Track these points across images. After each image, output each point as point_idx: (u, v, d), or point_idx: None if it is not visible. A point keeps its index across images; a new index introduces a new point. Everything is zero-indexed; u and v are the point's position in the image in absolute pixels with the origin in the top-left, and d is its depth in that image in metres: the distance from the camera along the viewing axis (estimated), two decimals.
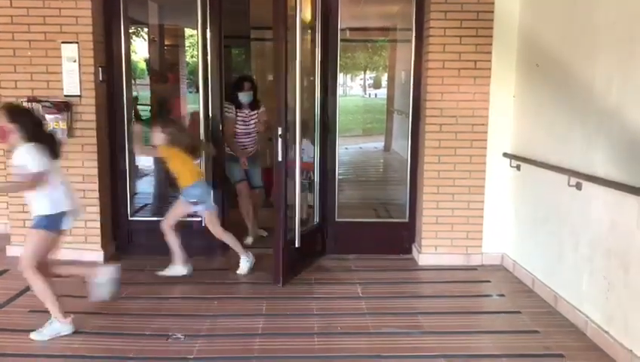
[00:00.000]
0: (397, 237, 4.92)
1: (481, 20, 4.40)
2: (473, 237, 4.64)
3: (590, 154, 3.39)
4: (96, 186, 4.56)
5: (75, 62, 4.41)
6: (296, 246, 4.28)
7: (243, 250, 4.45)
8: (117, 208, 4.83)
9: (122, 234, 4.85)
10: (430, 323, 3.58)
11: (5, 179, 4.70)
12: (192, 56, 10.74)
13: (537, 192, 4.16)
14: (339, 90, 4.88)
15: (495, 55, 4.45)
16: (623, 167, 3.08)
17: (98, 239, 4.61)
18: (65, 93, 4.45)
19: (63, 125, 4.41)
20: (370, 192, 6.87)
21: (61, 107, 4.40)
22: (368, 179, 7.83)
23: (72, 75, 4.42)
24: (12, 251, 4.66)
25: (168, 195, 5.79)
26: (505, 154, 4.53)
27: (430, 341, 3.35)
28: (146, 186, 6.15)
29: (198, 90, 4.70)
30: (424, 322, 3.59)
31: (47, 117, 4.37)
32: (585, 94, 3.49)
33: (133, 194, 5.02)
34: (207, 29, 4.60)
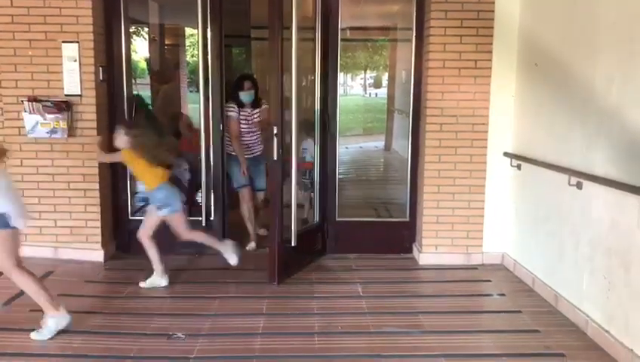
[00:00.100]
0: (397, 237, 4.92)
1: (482, 20, 4.40)
2: (474, 237, 4.64)
3: (590, 154, 3.39)
4: (96, 186, 4.56)
5: (75, 61, 4.41)
6: (292, 245, 4.28)
7: (219, 242, 4.29)
8: (117, 208, 4.84)
9: (123, 233, 4.85)
10: (431, 322, 3.59)
11: None
12: (192, 56, 10.74)
13: (538, 192, 4.16)
14: (339, 90, 4.87)
15: (495, 54, 4.45)
16: (623, 167, 3.08)
17: (99, 238, 4.61)
18: (65, 93, 4.45)
19: (63, 125, 4.42)
20: (370, 192, 6.86)
21: (62, 106, 4.41)
22: (369, 179, 7.82)
23: (73, 74, 4.43)
24: None
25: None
26: (505, 154, 4.53)
27: (431, 340, 3.35)
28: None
29: (199, 90, 4.70)
30: (424, 321, 3.59)
31: (48, 116, 4.38)
32: (585, 94, 3.49)
33: (134, 193, 5.01)
34: (207, 28, 4.60)
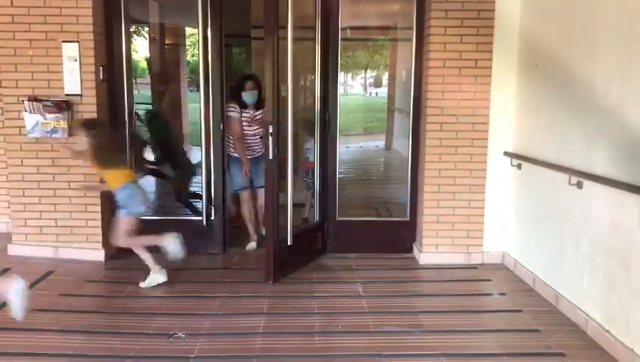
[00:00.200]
0: (398, 236, 4.92)
1: (482, 19, 4.39)
2: (474, 236, 4.64)
3: (590, 154, 3.39)
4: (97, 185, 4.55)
5: (75, 61, 4.41)
6: (288, 244, 4.28)
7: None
8: (118, 207, 4.83)
9: None
10: (431, 321, 3.59)
11: (7, 178, 4.70)
12: (192, 55, 10.74)
13: (538, 191, 4.16)
14: (339, 89, 4.87)
15: (496, 54, 4.44)
16: (623, 166, 3.07)
17: (99, 238, 4.61)
18: (66, 92, 4.45)
19: (63, 124, 4.42)
20: (371, 191, 6.86)
21: (62, 106, 4.41)
22: (369, 178, 7.82)
23: (73, 74, 4.43)
24: (13, 250, 4.68)
25: (169, 194, 5.81)
26: (506, 153, 4.52)
27: (431, 340, 3.35)
28: (146, 185, 6.12)
29: (199, 89, 4.70)
30: (425, 321, 3.59)
31: (48, 116, 4.39)
32: (585, 94, 3.48)
33: None
34: (207, 27, 4.59)
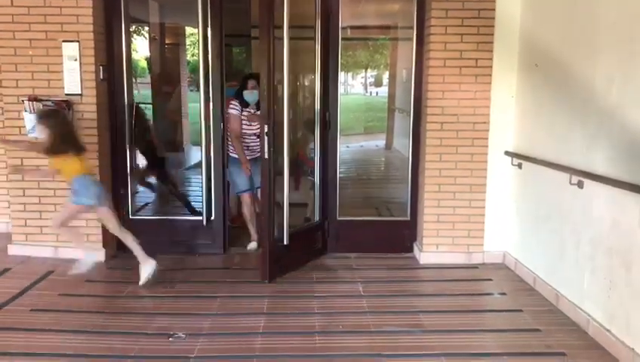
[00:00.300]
0: (398, 236, 4.92)
1: (482, 19, 4.39)
2: (474, 236, 4.64)
3: (591, 154, 3.38)
4: None
5: (75, 60, 4.41)
6: (285, 244, 4.27)
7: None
8: (118, 207, 4.83)
9: None
10: (431, 321, 3.58)
11: (7, 178, 4.70)
12: (192, 55, 10.74)
13: (539, 191, 4.16)
14: (340, 89, 4.86)
15: (496, 53, 4.44)
16: (624, 166, 3.07)
17: (99, 238, 4.61)
18: (66, 92, 4.45)
19: None
20: (371, 190, 6.86)
21: (62, 106, 4.40)
22: (370, 178, 7.82)
23: (73, 73, 4.43)
24: (14, 250, 4.68)
25: (169, 194, 5.82)
26: (506, 153, 4.52)
27: (431, 339, 3.34)
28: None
29: (199, 89, 4.70)
30: (425, 321, 3.59)
31: None
32: (585, 94, 3.48)
33: (134, 192, 5.01)
34: (207, 27, 4.58)
